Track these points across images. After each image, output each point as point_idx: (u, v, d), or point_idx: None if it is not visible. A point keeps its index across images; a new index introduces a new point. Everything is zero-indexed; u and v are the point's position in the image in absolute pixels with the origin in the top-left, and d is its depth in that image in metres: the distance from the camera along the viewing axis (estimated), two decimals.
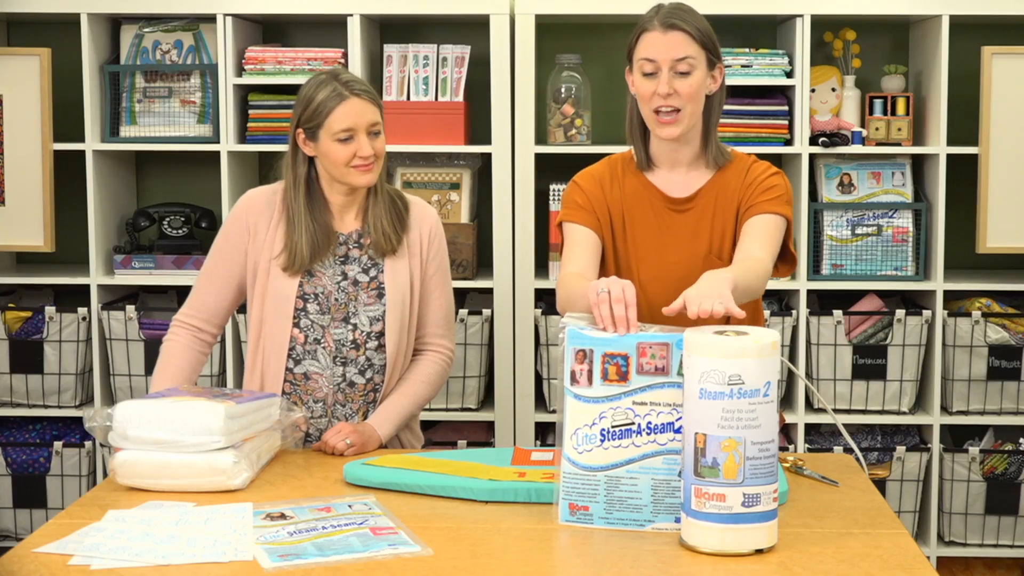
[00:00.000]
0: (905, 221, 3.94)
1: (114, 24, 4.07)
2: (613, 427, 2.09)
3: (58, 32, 4.14)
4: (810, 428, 4.01)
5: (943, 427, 4.00)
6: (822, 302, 4.12)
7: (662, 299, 2.56)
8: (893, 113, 3.94)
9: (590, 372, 2.09)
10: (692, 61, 2.51)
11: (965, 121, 4.01)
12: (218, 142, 3.93)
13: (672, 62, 2.50)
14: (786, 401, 4.03)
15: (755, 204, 2.56)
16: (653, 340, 2.07)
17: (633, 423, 2.09)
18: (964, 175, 3.99)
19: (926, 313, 3.90)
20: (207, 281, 2.81)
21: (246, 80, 3.91)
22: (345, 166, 2.68)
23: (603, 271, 2.65)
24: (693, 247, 2.60)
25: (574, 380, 2.11)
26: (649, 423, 2.08)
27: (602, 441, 2.10)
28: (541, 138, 3.96)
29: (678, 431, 2.07)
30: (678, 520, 2.09)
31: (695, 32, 2.51)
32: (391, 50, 3.94)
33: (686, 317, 2.54)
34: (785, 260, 2.63)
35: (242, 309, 3.66)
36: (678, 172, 2.63)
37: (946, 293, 3.94)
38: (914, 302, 4.08)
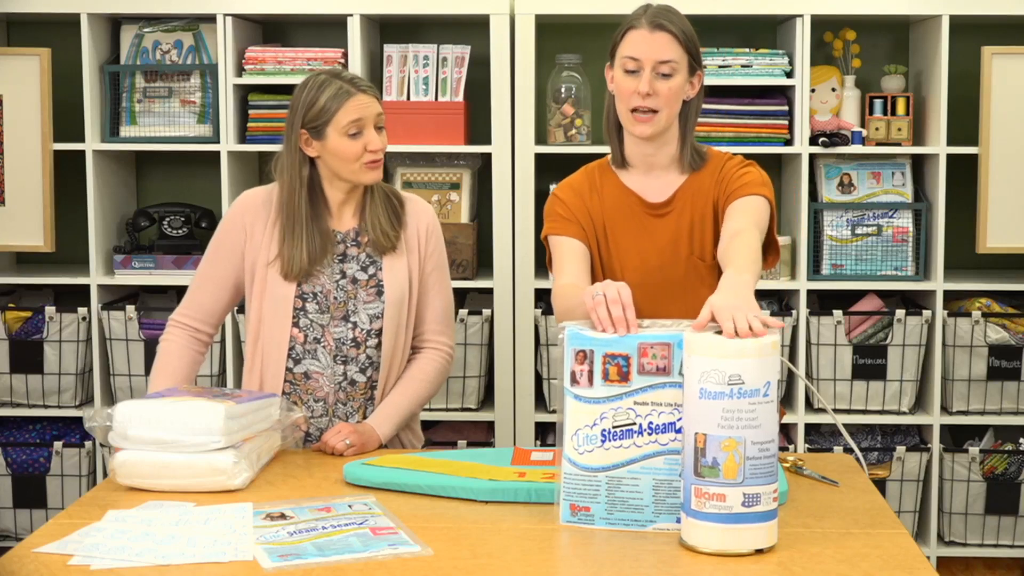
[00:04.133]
0: (905, 221, 3.94)
1: (114, 24, 4.07)
2: (614, 427, 2.09)
3: (58, 32, 4.14)
4: (810, 428, 4.01)
5: (943, 427, 4.00)
6: (822, 302, 4.12)
7: (647, 303, 2.55)
8: (893, 113, 3.94)
9: (591, 373, 2.09)
10: (675, 64, 2.52)
11: (965, 121, 4.01)
12: (218, 142, 3.93)
13: (655, 63, 2.51)
14: (786, 401, 4.04)
15: (732, 191, 2.57)
16: (654, 340, 2.07)
17: (634, 423, 2.09)
18: (964, 175, 3.99)
19: (926, 313, 3.90)
20: (203, 281, 2.81)
21: (246, 80, 3.91)
22: (355, 162, 2.68)
23: (591, 279, 2.65)
24: (674, 250, 2.61)
25: (574, 381, 2.10)
26: (651, 423, 2.08)
27: (603, 442, 2.10)
28: (541, 138, 3.96)
29: (679, 431, 2.07)
30: (680, 520, 2.09)
31: (680, 35, 2.52)
32: (391, 50, 3.94)
33: (683, 310, 2.52)
34: (770, 249, 2.63)
35: (241, 308, 3.66)
36: (654, 175, 2.64)
37: (946, 293, 3.94)
38: (914, 302, 4.08)
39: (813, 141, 3.89)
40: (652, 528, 2.10)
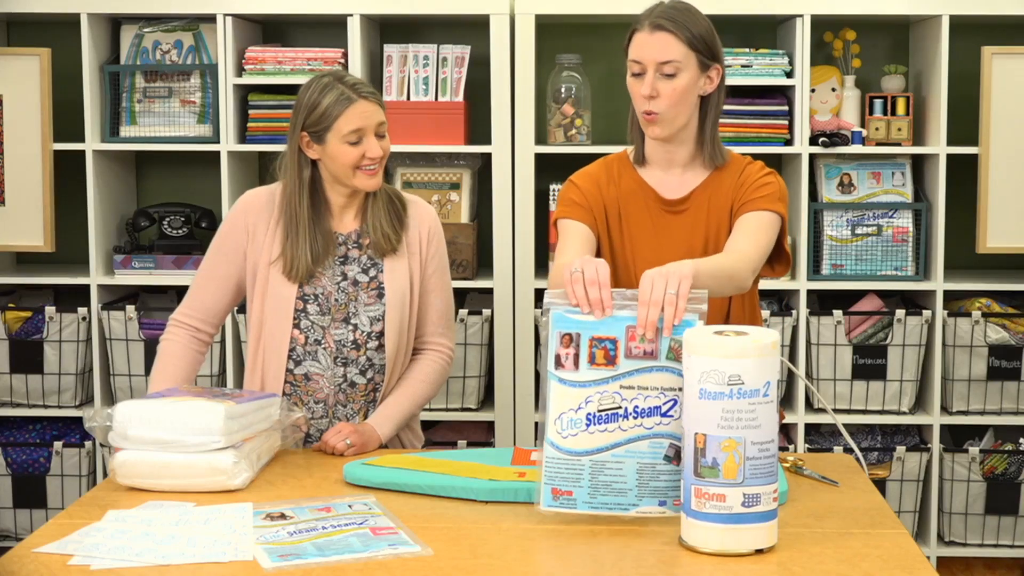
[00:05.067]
0: (905, 221, 3.94)
1: (114, 24, 4.07)
2: (600, 411, 2.09)
3: (58, 32, 4.14)
4: (810, 428, 4.01)
5: (943, 427, 4.00)
6: (822, 302, 4.12)
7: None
8: (893, 113, 3.94)
9: (576, 356, 2.09)
10: (677, 64, 2.50)
11: (965, 121, 4.01)
12: (218, 142, 3.93)
13: (656, 64, 2.50)
14: (786, 401, 4.04)
15: (748, 202, 2.57)
16: None
17: (620, 407, 2.09)
18: (964, 175, 3.99)
19: (926, 313, 3.90)
20: (205, 281, 2.81)
21: (246, 80, 3.91)
22: (352, 168, 2.68)
23: None
24: (689, 247, 2.60)
25: (559, 364, 2.11)
26: (636, 407, 2.08)
27: (588, 425, 2.09)
28: (541, 138, 3.96)
29: (665, 415, 2.08)
30: (662, 503, 2.10)
31: (683, 33, 2.50)
32: (391, 50, 3.94)
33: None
34: (780, 259, 2.63)
35: (242, 309, 3.66)
36: (673, 172, 2.64)
37: (946, 293, 3.94)
38: (914, 302, 4.08)
39: (813, 141, 3.89)
40: (635, 512, 2.10)
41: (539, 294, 3.94)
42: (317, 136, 2.68)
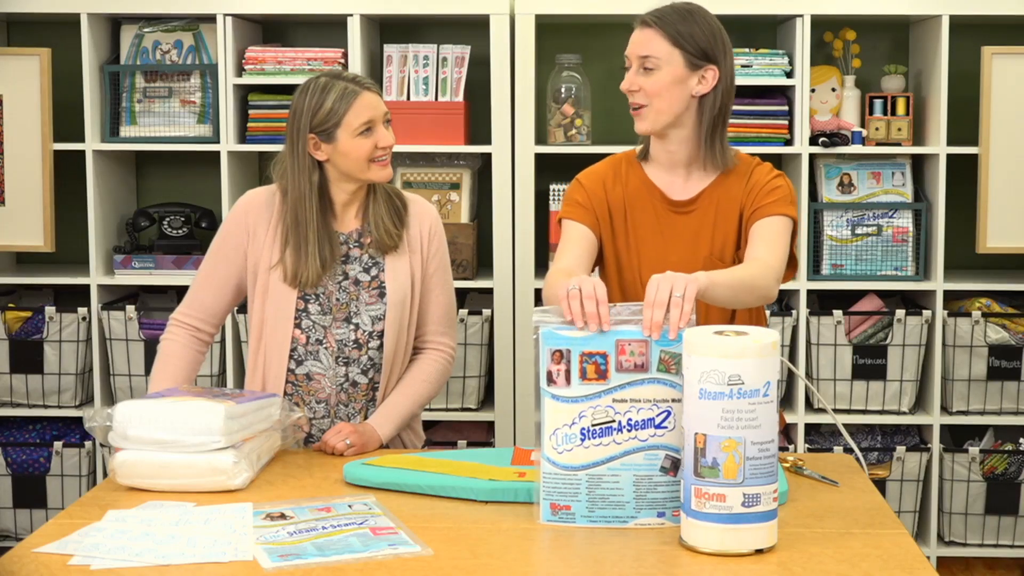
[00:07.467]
0: (905, 221, 3.94)
1: (114, 24, 4.07)
2: (593, 425, 2.10)
3: (58, 32, 4.14)
4: (810, 428, 4.01)
5: (943, 427, 4.00)
6: (822, 302, 4.12)
7: None
8: (893, 113, 3.94)
9: (568, 372, 2.10)
10: (656, 60, 2.52)
11: (965, 121, 4.01)
12: (218, 142, 3.93)
13: (638, 59, 2.53)
14: (786, 401, 4.04)
15: (760, 207, 2.57)
16: (632, 337, 2.08)
17: (614, 421, 2.09)
18: (964, 175, 3.99)
19: (926, 313, 3.90)
20: (205, 281, 2.80)
21: (246, 80, 3.91)
22: (367, 160, 2.68)
23: (604, 270, 2.66)
24: (694, 249, 2.60)
25: (551, 380, 2.11)
26: (630, 420, 2.09)
27: (582, 440, 2.10)
28: (541, 138, 3.96)
29: (659, 427, 2.08)
30: (661, 515, 2.10)
31: (668, 31, 2.52)
32: (391, 50, 3.94)
33: (698, 309, 2.51)
34: (788, 263, 2.62)
35: (242, 309, 3.66)
36: (677, 173, 2.63)
37: (946, 293, 3.94)
38: (914, 302, 4.08)
39: (813, 141, 3.89)
40: (633, 524, 2.11)
41: (539, 294, 3.94)
42: (326, 135, 2.68)
